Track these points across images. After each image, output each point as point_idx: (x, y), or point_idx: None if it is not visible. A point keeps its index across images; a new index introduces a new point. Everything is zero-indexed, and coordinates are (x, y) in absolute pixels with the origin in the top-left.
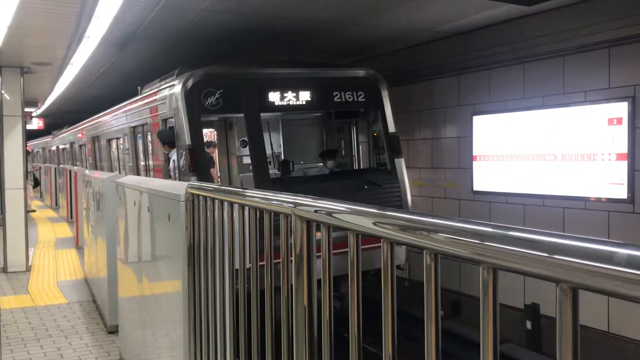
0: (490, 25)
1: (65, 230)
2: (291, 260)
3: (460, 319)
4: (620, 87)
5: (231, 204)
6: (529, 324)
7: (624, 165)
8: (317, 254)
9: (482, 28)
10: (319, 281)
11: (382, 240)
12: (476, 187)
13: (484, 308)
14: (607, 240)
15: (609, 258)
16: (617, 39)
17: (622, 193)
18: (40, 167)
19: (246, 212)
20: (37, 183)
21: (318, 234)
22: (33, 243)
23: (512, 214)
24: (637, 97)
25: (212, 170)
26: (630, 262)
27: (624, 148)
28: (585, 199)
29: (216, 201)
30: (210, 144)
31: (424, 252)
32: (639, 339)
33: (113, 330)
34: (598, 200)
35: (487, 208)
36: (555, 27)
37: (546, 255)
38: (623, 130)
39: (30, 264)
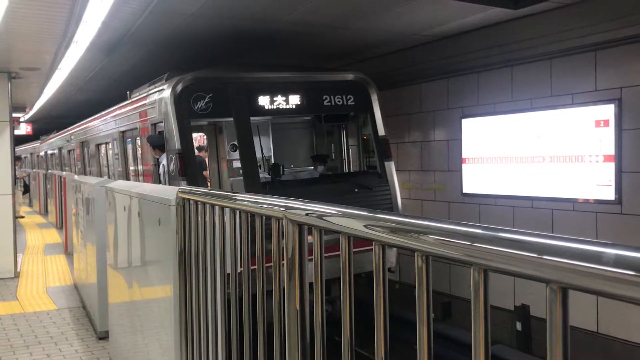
0: (479, 29)
1: (54, 236)
2: (283, 264)
3: (451, 321)
4: (606, 89)
5: (222, 208)
6: (519, 325)
7: (611, 166)
8: (309, 257)
9: (471, 31)
10: (310, 284)
11: (373, 242)
12: (465, 190)
13: (475, 309)
14: (595, 240)
15: (597, 258)
16: (603, 42)
17: (609, 194)
18: (29, 174)
19: (237, 216)
20: (27, 189)
21: (309, 238)
22: (22, 249)
23: (502, 216)
24: (624, 100)
25: (205, 173)
26: (618, 261)
27: (611, 150)
28: (573, 201)
29: (207, 205)
30: (202, 147)
31: (415, 254)
32: (627, 339)
33: (103, 336)
34: (586, 201)
35: (476, 210)
36: (542, 31)
37: (536, 255)
38: (610, 132)
39: (19, 270)
